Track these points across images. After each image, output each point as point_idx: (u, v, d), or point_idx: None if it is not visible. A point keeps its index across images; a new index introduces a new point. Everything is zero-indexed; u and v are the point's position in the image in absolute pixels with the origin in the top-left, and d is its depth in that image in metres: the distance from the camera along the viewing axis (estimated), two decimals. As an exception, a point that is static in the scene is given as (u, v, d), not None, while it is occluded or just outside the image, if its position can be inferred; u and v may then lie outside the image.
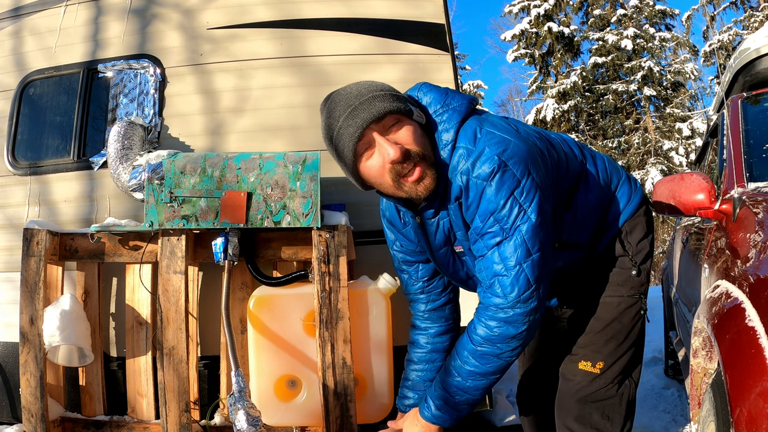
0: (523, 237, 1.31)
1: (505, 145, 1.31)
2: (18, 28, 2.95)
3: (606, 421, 1.58)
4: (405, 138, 1.32)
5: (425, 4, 2.75)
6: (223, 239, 2.26)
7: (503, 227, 1.31)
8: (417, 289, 1.70)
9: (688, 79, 17.28)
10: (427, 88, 1.45)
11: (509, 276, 1.32)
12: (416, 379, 1.72)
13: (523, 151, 1.32)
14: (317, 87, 2.69)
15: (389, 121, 1.31)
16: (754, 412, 0.94)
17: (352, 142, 1.31)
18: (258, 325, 2.25)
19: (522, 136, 1.37)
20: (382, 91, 1.32)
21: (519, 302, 1.32)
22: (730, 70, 2.71)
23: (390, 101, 1.30)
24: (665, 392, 3.41)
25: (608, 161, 1.66)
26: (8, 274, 2.69)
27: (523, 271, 1.31)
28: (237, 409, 2.06)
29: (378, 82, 1.38)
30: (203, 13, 2.79)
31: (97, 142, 2.76)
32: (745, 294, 1.16)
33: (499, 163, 1.29)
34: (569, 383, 1.62)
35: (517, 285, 1.32)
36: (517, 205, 1.30)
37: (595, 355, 1.58)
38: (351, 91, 1.34)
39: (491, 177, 1.29)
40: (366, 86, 1.34)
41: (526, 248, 1.31)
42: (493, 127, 1.36)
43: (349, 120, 1.30)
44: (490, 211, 1.31)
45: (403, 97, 1.36)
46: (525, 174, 1.30)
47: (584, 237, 1.57)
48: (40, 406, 2.28)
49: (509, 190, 1.29)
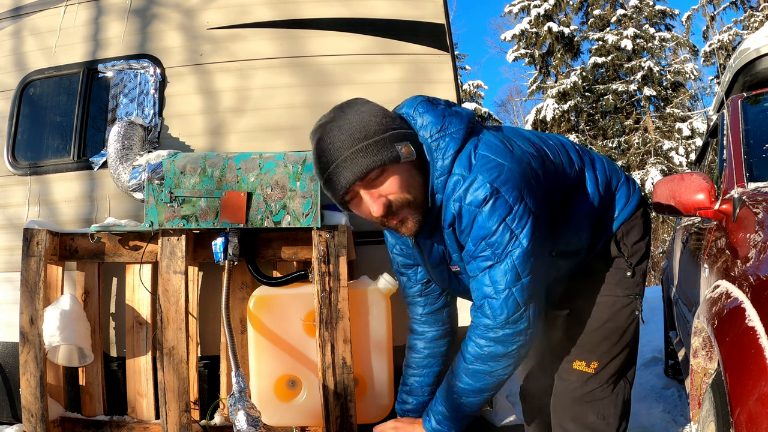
0: (514, 262, 1.32)
1: (498, 171, 1.31)
2: (18, 28, 2.95)
3: (601, 421, 1.59)
4: (390, 188, 1.33)
5: (425, 4, 2.75)
6: (223, 239, 2.26)
7: (495, 252, 1.33)
8: (415, 291, 1.71)
9: (688, 79, 17.28)
10: (424, 108, 1.42)
11: (498, 299, 1.34)
12: (414, 384, 1.73)
13: (516, 176, 1.32)
14: (318, 87, 2.69)
15: (374, 174, 1.32)
16: (754, 412, 0.94)
17: (338, 195, 1.35)
18: (258, 325, 2.25)
19: (516, 158, 1.36)
20: (366, 141, 1.30)
21: (508, 324, 1.35)
22: (730, 70, 2.71)
23: (373, 155, 1.29)
24: (665, 392, 3.41)
25: (607, 164, 1.66)
26: (8, 274, 2.69)
27: (512, 294, 1.33)
28: (237, 409, 2.06)
29: (363, 116, 1.33)
30: (203, 13, 2.79)
31: (97, 142, 2.76)
32: (745, 294, 1.16)
33: (492, 189, 1.30)
34: (564, 383, 1.63)
35: (506, 308, 1.34)
36: (509, 231, 1.31)
37: (590, 355, 1.59)
38: (335, 140, 1.32)
39: (483, 204, 1.30)
40: (350, 133, 1.31)
41: (517, 273, 1.32)
42: (489, 149, 1.36)
43: (334, 176, 1.32)
44: (482, 236, 1.33)
45: (388, 142, 1.32)
46: (518, 200, 1.31)
47: (581, 243, 1.58)
48: (40, 406, 2.28)
49: (501, 216, 1.30)
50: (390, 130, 1.33)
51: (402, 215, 1.36)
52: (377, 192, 1.34)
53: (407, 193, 1.35)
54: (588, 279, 1.63)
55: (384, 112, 1.38)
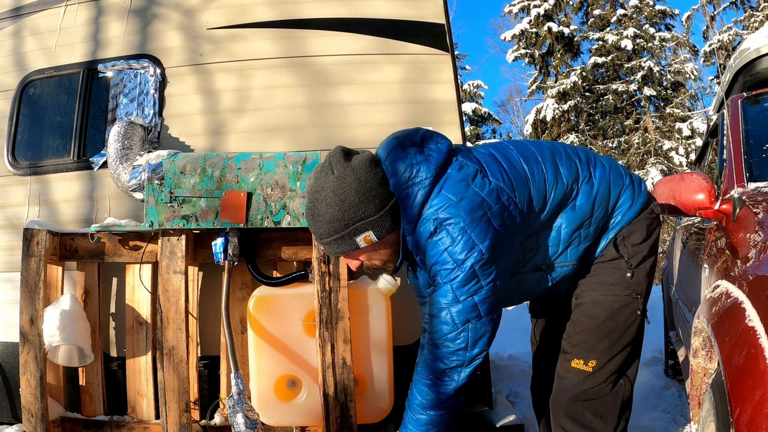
0: (452, 288, 1.44)
1: (446, 209, 1.44)
2: (18, 28, 2.95)
3: (598, 419, 1.59)
4: (360, 258, 1.56)
5: (425, 4, 2.75)
6: (223, 239, 2.26)
7: (441, 278, 1.46)
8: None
9: (688, 79, 17.28)
10: (393, 157, 1.51)
11: (438, 317, 1.47)
12: None
13: (463, 212, 1.43)
14: (318, 87, 2.69)
15: (343, 255, 1.54)
16: (754, 412, 0.94)
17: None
18: (258, 326, 2.25)
19: (471, 194, 1.46)
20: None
21: (445, 341, 1.47)
22: (730, 70, 2.71)
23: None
24: (665, 392, 3.40)
25: (610, 170, 1.65)
26: (8, 274, 2.69)
27: (449, 314, 1.45)
28: (236, 411, 2.06)
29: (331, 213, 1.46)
30: (203, 13, 2.79)
31: (97, 142, 2.76)
32: (745, 294, 1.16)
33: (436, 224, 1.44)
34: (562, 381, 1.64)
35: (443, 325, 1.47)
36: (451, 261, 1.43)
37: (588, 353, 1.60)
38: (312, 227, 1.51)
39: (431, 236, 1.45)
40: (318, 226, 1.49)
41: (454, 297, 1.45)
42: (450, 188, 1.47)
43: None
44: (431, 263, 1.48)
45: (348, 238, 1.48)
46: (460, 233, 1.42)
47: (572, 255, 1.62)
48: (40, 406, 2.28)
49: (443, 247, 1.43)
50: (351, 225, 1.46)
51: (378, 267, 1.58)
52: (351, 260, 1.56)
53: (375, 261, 1.56)
54: (588, 279, 1.64)
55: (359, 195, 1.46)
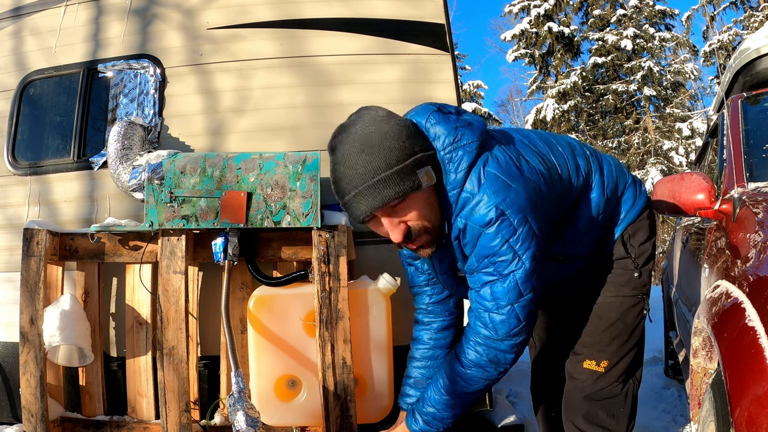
0: (516, 281, 1.37)
1: (505, 193, 1.34)
2: (18, 28, 2.95)
3: (611, 419, 1.61)
4: (409, 216, 1.35)
5: (426, 4, 2.75)
6: (223, 239, 2.26)
7: (498, 270, 1.38)
8: (422, 281, 1.73)
9: (688, 79, 17.29)
10: (436, 119, 1.41)
11: (500, 314, 1.39)
12: (419, 376, 1.75)
13: (522, 199, 1.35)
14: (318, 87, 2.69)
15: (395, 202, 1.32)
16: (754, 412, 0.94)
17: (357, 220, 1.36)
18: (258, 325, 2.25)
19: (524, 178, 1.38)
20: (388, 171, 1.29)
21: (508, 337, 1.41)
22: (730, 70, 2.71)
23: (395, 186, 1.29)
24: (665, 392, 3.41)
25: (615, 167, 1.66)
26: (8, 274, 2.69)
27: (514, 311, 1.39)
28: (236, 410, 2.06)
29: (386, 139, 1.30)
30: (203, 13, 2.79)
31: (97, 142, 2.76)
32: (745, 294, 1.16)
33: (498, 213, 1.33)
34: (575, 382, 1.65)
35: (508, 322, 1.39)
36: (512, 252, 1.35)
37: (600, 354, 1.61)
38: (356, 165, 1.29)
39: (488, 225, 1.34)
40: (371, 159, 1.28)
41: (519, 291, 1.38)
42: (498, 167, 1.37)
43: (354, 203, 1.33)
44: (485, 255, 1.37)
45: (410, 170, 1.31)
46: (522, 223, 1.34)
47: (587, 247, 1.61)
48: (40, 406, 2.28)
49: (504, 238, 1.34)
50: (412, 156, 1.32)
51: (420, 241, 1.39)
52: (397, 219, 1.35)
53: (426, 221, 1.38)
54: (596, 280, 1.65)
55: (407, 132, 1.35)
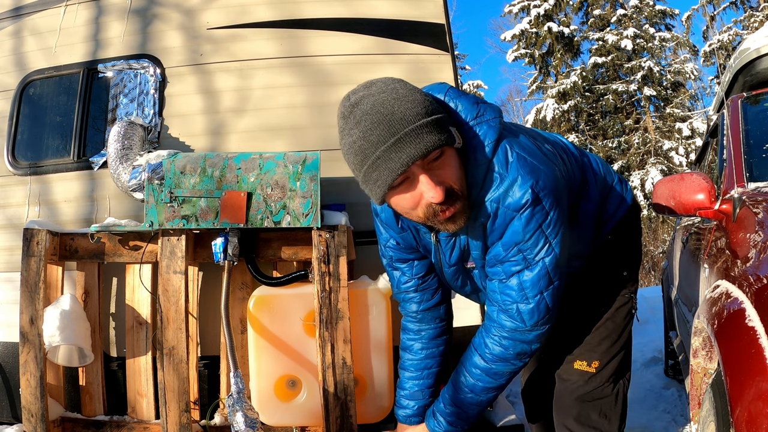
0: (547, 268, 1.32)
1: (536, 175, 1.26)
2: (18, 28, 2.95)
3: (604, 419, 1.60)
4: (449, 174, 1.22)
5: (426, 4, 2.75)
6: (223, 239, 2.26)
7: (527, 257, 1.31)
8: (410, 287, 1.63)
9: (688, 79, 17.28)
10: (455, 94, 1.33)
11: (530, 304, 1.34)
12: (413, 387, 1.67)
13: (552, 182, 1.28)
14: (318, 87, 2.69)
15: (435, 154, 1.18)
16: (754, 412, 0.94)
17: (392, 176, 1.17)
18: (258, 326, 2.25)
19: (551, 162, 1.33)
20: (428, 117, 1.16)
21: (537, 326, 1.37)
22: (730, 70, 2.71)
23: (437, 133, 1.16)
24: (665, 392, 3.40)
25: (602, 165, 1.66)
26: (8, 274, 2.69)
27: (543, 299, 1.34)
28: (235, 410, 2.06)
29: (414, 92, 1.20)
30: (203, 13, 2.79)
31: (97, 142, 2.76)
32: (745, 294, 1.16)
33: (533, 195, 1.25)
34: (566, 383, 1.64)
35: (537, 311, 1.35)
36: (543, 238, 1.29)
37: (591, 354, 1.60)
38: (390, 111, 1.16)
39: (522, 209, 1.26)
40: (411, 105, 1.17)
41: (549, 278, 1.33)
42: (523, 150, 1.29)
43: (392, 153, 1.15)
44: (516, 241, 1.30)
45: (445, 120, 1.20)
46: (554, 207, 1.29)
47: (585, 247, 1.59)
48: (40, 406, 2.28)
49: (538, 222, 1.27)
50: (442, 112, 1.22)
51: (457, 206, 1.24)
52: (436, 177, 1.19)
53: (461, 184, 1.25)
54: (586, 279, 1.63)
55: (431, 96, 1.26)
